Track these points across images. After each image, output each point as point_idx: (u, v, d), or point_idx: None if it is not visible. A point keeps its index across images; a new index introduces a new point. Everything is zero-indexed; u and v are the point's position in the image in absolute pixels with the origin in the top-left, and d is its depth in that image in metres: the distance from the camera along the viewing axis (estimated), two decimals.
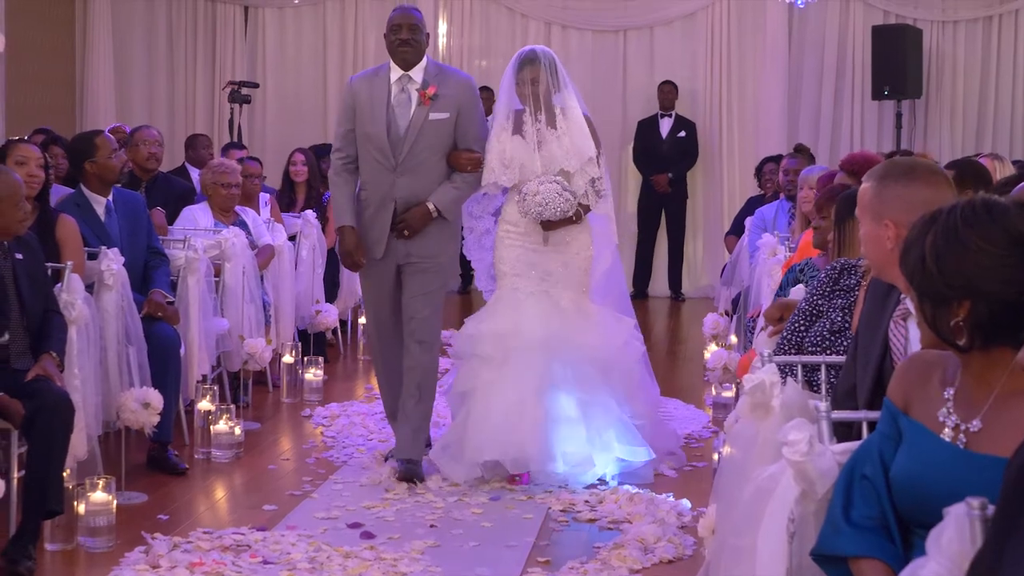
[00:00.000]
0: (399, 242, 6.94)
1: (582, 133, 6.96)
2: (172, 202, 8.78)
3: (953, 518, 2.37)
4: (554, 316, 6.93)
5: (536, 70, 6.95)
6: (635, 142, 14.71)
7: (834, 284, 4.67)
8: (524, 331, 6.86)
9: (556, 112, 6.97)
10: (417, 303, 6.96)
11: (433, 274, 7.01)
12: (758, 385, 3.70)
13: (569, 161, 6.91)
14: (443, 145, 6.94)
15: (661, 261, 14.85)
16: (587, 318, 7.03)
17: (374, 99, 6.95)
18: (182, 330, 7.34)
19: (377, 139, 6.90)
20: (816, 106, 14.79)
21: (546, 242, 6.98)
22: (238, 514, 6.31)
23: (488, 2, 14.99)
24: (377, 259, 6.99)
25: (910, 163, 3.65)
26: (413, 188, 6.89)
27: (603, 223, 7.24)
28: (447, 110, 6.90)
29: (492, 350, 6.87)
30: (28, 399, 5.46)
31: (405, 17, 7.01)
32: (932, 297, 2.81)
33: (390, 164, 6.90)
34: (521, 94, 7.00)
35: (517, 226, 7.02)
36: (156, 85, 15.32)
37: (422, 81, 6.92)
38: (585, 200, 6.95)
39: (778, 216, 9.39)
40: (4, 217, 5.69)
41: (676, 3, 14.78)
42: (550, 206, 6.77)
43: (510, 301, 7.00)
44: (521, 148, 6.92)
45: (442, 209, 6.91)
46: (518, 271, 7.01)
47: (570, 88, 7.07)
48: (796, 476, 3.01)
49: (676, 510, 6.27)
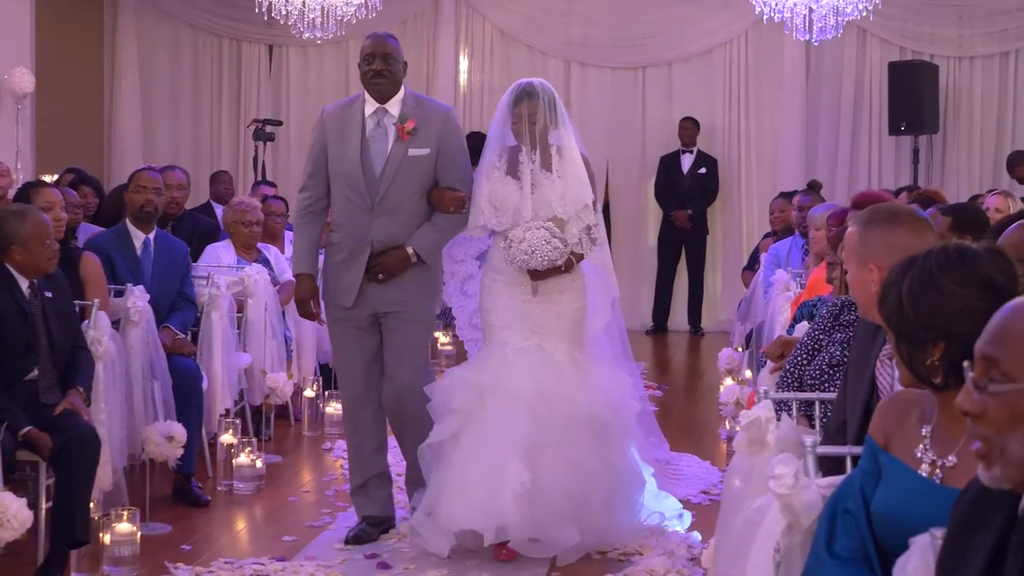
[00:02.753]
0: (374, 289, 6.32)
1: (578, 178, 6.35)
2: (196, 240, 8.95)
3: (918, 548, 2.52)
4: (545, 370, 6.25)
5: (534, 105, 6.29)
6: (657, 177, 14.84)
7: (835, 320, 4.82)
8: (508, 385, 6.16)
9: (552, 152, 6.33)
10: (399, 360, 6.36)
11: (414, 325, 6.38)
12: (753, 421, 3.85)
13: (564, 207, 6.29)
14: (423, 184, 6.33)
15: (680, 295, 14.96)
16: (582, 373, 6.37)
17: (347, 134, 6.35)
18: (205, 365, 7.51)
19: (351, 178, 6.31)
20: (834, 141, 14.89)
21: (535, 292, 6.33)
22: (258, 545, 6.46)
23: (508, 39, 15.17)
24: (347, 308, 6.37)
25: (893, 209, 3.81)
26: (391, 230, 6.28)
27: (599, 273, 6.62)
28: (427, 145, 6.30)
29: (469, 404, 6.17)
30: (56, 432, 5.65)
31: (378, 45, 6.36)
32: (908, 338, 2.97)
33: (366, 205, 6.28)
34: (516, 131, 6.34)
35: (504, 274, 6.36)
36: (182, 123, 15.53)
37: (399, 114, 6.32)
38: (579, 248, 6.34)
39: (792, 252, 9.49)
40: (32, 255, 5.88)
41: (694, 40, 14.92)
42: (537, 254, 6.13)
43: (499, 356, 6.31)
44: (514, 190, 6.31)
45: (422, 254, 6.32)
46: (508, 323, 6.35)
47: (568, 125, 6.45)
48: (782, 509, 3.16)
49: (687, 543, 6.37)
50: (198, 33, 15.46)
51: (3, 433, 5.47)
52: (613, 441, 6.39)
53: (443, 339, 11.84)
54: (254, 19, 12.83)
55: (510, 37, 15.18)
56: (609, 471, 6.26)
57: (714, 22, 14.83)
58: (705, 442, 8.89)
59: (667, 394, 10.93)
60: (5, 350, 5.76)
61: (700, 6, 14.81)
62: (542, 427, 6.11)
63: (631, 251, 15.24)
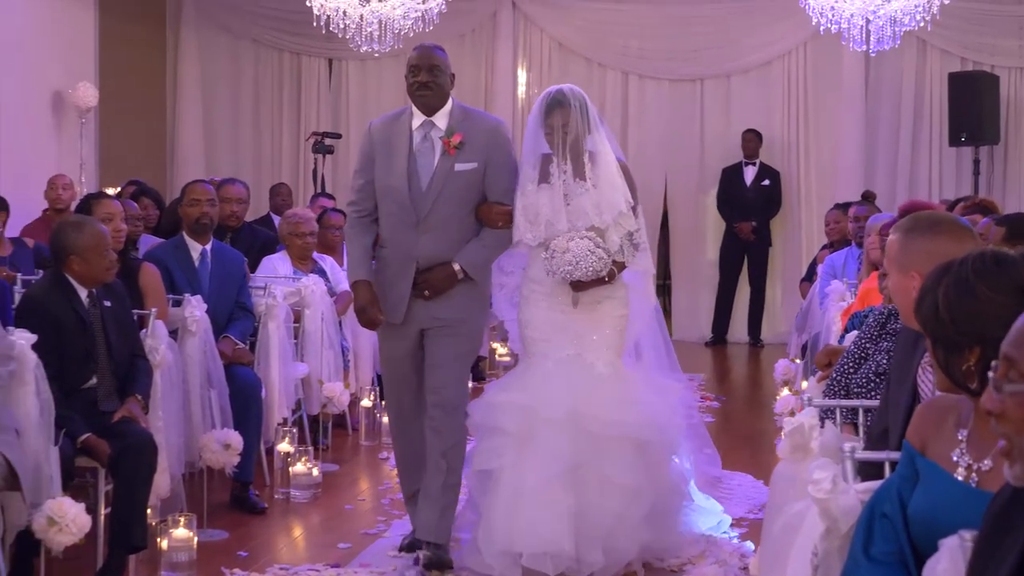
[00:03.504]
0: (421, 305, 6.16)
1: (612, 185, 6.11)
2: (255, 251, 9.04)
3: (947, 550, 2.54)
4: (586, 383, 6.04)
5: (566, 114, 6.07)
6: (719, 189, 14.82)
7: (881, 328, 4.84)
8: (551, 402, 5.95)
9: (584, 161, 6.10)
10: (441, 372, 6.17)
11: (460, 339, 6.21)
12: (797, 428, 3.88)
13: (601, 216, 6.06)
14: (470, 199, 6.16)
15: (740, 307, 14.94)
16: (625, 386, 6.15)
17: (393, 147, 6.20)
18: (263, 374, 7.60)
19: (397, 193, 6.14)
20: (893, 153, 14.80)
21: (576, 304, 6.11)
22: (314, 551, 6.53)
23: (566, 52, 15.21)
24: (396, 324, 6.21)
25: (935, 217, 3.83)
26: (437, 246, 6.11)
27: (638, 280, 6.38)
28: (474, 160, 6.13)
29: (515, 425, 6.01)
30: (114, 439, 5.75)
31: (423, 57, 6.19)
32: (945, 343, 3.00)
33: (411, 220, 6.12)
34: (550, 141, 6.13)
35: (543, 285, 6.15)
36: (243, 136, 15.68)
37: (446, 128, 6.15)
38: (620, 256, 6.10)
39: (848, 263, 9.49)
40: (91, 265, 5.98)
41: (752, 52, 14.90)
42: (581, 265, 5.91)
43: (538, 370, 6.13)
44: (547, 202, 6.08)
45: (469, 270, 6.14)
46: (547, 335, 6.15)
47: (602, 130, 6.23)
48: (821, 513, 3.18)
49: (739, 551, 6.38)
50: (259, 47, 15.61)
51: (62, 440, 5.56)
52: (657, 458, 6.20)
53: (501, 350, 11.88)
54: (313, 33, 12.92)
55: (568, 50, 15.21)
56: (653, 487, 6.06)
57: (772, 34, 14.79)
58: (762, 454, 8.86)
59: (725, 405, 10.95)
60: (65, 358, 5.86)
61: (758, 18, 14.78)
62: (580, 448, 5.92)
63: (690, 263, 15.25)
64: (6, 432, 5.17)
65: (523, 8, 15.15)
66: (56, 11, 12.64)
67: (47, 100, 12.54)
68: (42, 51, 12.31)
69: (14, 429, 5.24)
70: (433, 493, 6.12)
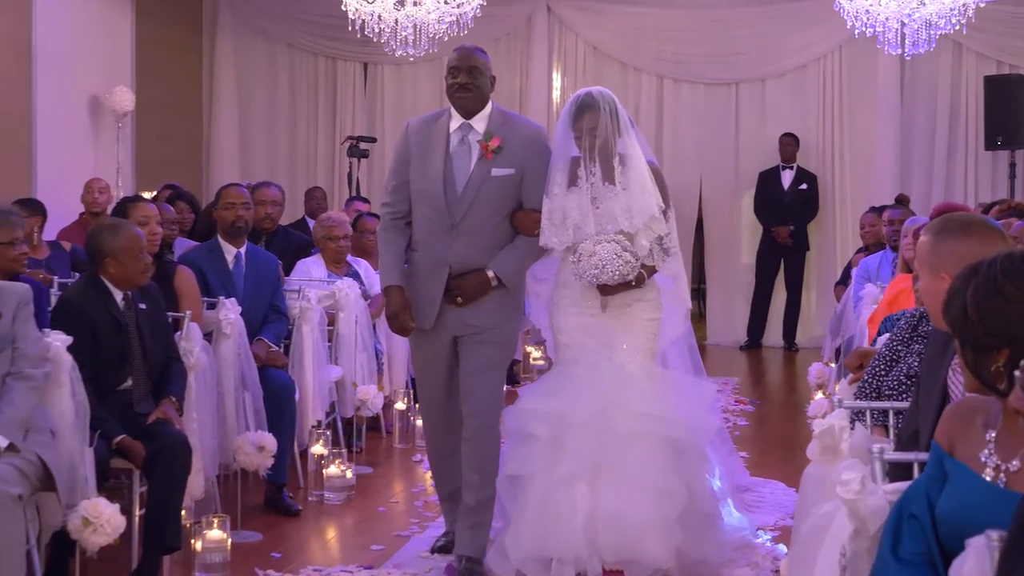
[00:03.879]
0: (453, 311, 6.06)
1: (643, 188, 5.98)
2: (290, 255, 9.09)
3: (973, 549, 2.55)
4: (615, 383, 5.93)
5: (595, 118, 5.94)
6: (756, 193, 14.80)
7: (913, 331, 4.82)
8: (580, 407, 5.85)
9: (614, 164, 5.98)
10: (475, 381, 6.06)
11: (494, 347, 6.10)
12: (827, 430, 3.89)
13: (631, 220, 5.94)
14: (506, 205, 6.04)
15: (775, 311, 14.91)
16: (657, 387, 6.06)
17: (430, 149, 6.08)
18: (297, 377, 7.63)
19: (432, 195, 6.02)
20: (929, 157, 14.74)
21: (604, 308, 6.03)
22: (347, 553, 6.57)
23: (601, 56, 15.22)
24: (427, 330, 6.12)
25: (966, 219, 3.83)
26: (471, 252, 5.99)
27: (671, 284, 6.25)
28: (512, 165, 6.00)
29: (546, 431, 5.89)
30: (149, 441, 5.80)
31: (463, 58, 6.09)
32: (973, 344, 3.00)
33: (445, 224, 6.00)
34: (579, 145, 6.00)
35: (572, 290, 6.06)
36: (278, 141, 15.74)
37: (485, 131, 6.02)
38: (650, 260, 5.98)
39: (882, 266, 9.46)
40: (126, 268, 6.03)
41: (788, 56, 14.87)
42: (607, 268, 5.82)
43: (569, 375, 6.03)
44: (575, 206, 5.96)
45: (503, 277, 6.03)
46: (578, 341, 6.06)
47: (633, 133, 6.08)
48: (849, 514, 3.19)
49: (772, 554, 6.36)
50: (294, 52, 15.68)
51: (97, 441, 5.61)
52: (690, 459, 6.02)
53: (535, 353, 11.88)
54: (348, 38, 12.97)
55: (603, 54, 15.22)
56: (686, 489, 5.85)
57: (807, 38, 14.76)
58: (796, 458, 8.82)
59: (759, 409, 10.93)
60: (100, 360, 5.91)
61: (793, 22, 14.76)
62: (606, 448, 5.80)
63: (725, 266, 15.23)
64: (41, 433, 5.23)
65: (558, 12, 15.17)
66: (93, 16, 12.73)
67: (84, 104, 12.62)
68: (79, 56, 12.40)
69: (49, 430, 5.30)
70: (467, 509, 6.06)
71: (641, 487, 5.75)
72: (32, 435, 5.16)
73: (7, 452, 4.99)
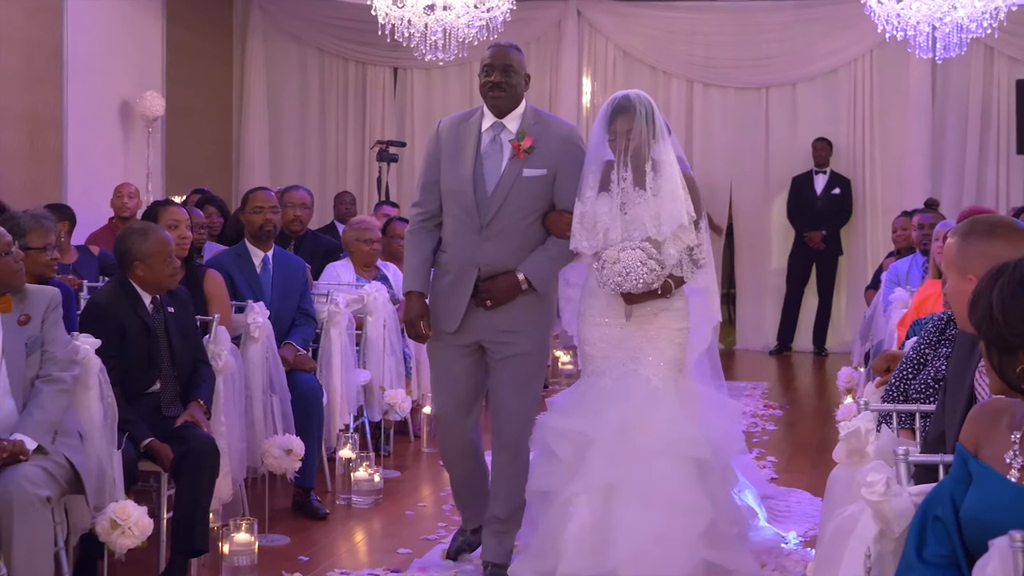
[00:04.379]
0: (481, 315, 5.93)
1: (674, 196, 5.80)
2: (318, 258, 9.12)
3: (997, 550, 2.54)
4: (639, 398, 5.75)
5: (630, 120, 5.80)
6: (789, 198, 14.77)
7: (940, 334, 4.81)
8: (601, 423, 5.68)
9: (646, 169, 5.82)
10: (510, 396, 5.97)
11: (527, 359, 5.97)
12: (853, 432, 3.88)
13: (659, 228, 5.76)
14: (538, 206, 5.91)
15: (806, 316, 14.87)
16: (685, 403, 5.84)
17: (461, 148, 5.96)
18: (325, 381, 7.65)
19: (462, 195, 5.90)
20: (960, 161, 14.66)
21: (628, 318, 5.84)
22: (374, 556, 6.58)
23: (631, 60, 15.20)
24: (449, 333, 5.98)
25: (993, 221, 3.81)
26: (501, 254, 5.87)
27: (700, 297, 6.06)
28: (544, 166, 5.87)
29: (569, 452, 5.72)
30: (177, 443, 5.83)
31: (498, 56, 5.95)
32: (999, 345, 2.99)
33: (475, 225, 5.88)
34: (613, 147, 5.86)
35: (598, 298, 5.90)
36: (308, 145, 15.78)
37: (517, 131, 5.90)
38: (678, 271, 5.80)
39: (911, 270, 9.44)
40: (155, 272, 6.06)
41: (818, 60, 14.83)
42: (631, 276, 5.63)
43: (595, 390, 5.85)
44: (605, 211, 5.80)
45: (533, 281, 5.89)
46: (604, 353, 5.88)
47: (668, 138, 5.93)
48: (874, 515, 3.18)
49: (804, 560, 6.33)
50: (324, 56, 15.72)
51: (125, 444, 5.64)
52: (716, 477, 5.80)
53: (564, 358, 11.88)
54: (378, 42, 12.97)
55: (633, 58, 15.20)
56: (710, 505, 5.64)
57: (838, 42, 14.72)
58: (824, 461, 8.78)
59: (788, 413, 10.91)
60: (128, 363, 5.94)
61: (824, 26, 14.72)
62: (621, 464, 5.60)
63: (754, 271, 15.19)
64: (70, 436, 5.26)
65: (588, 16, 15.16)
66: (124, 22, 12.80)
67: (115, 109, 12.68)
68: (110, 61, 12.46)
69: (78, 433, 5.32)
70: (495, 518, 6.03)
71: (662, 501, 5.56)
72: (61, 438, 5.20)
73: (36, 454, 5.01)
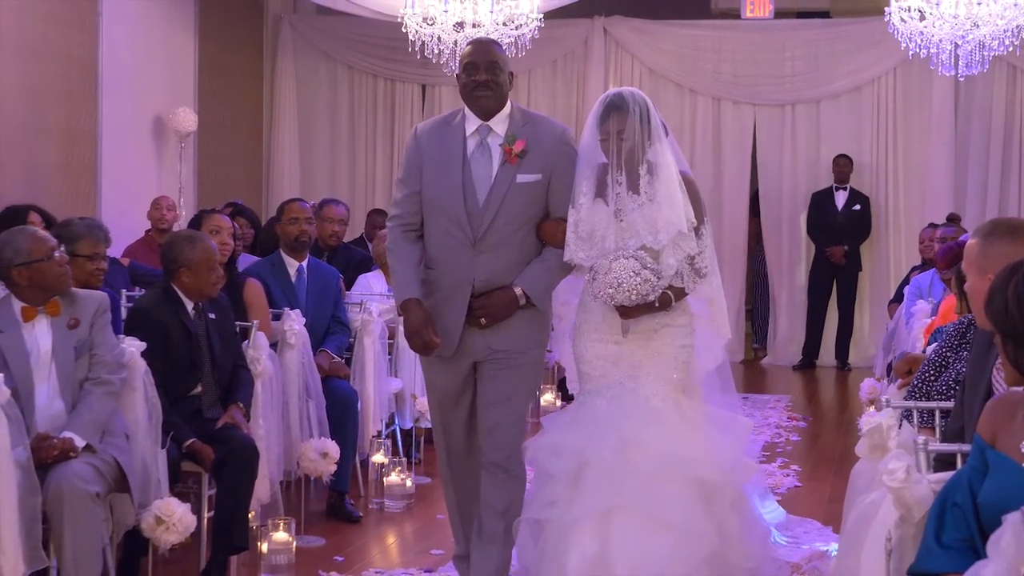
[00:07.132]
0: (476, 334, 5.42)
1: (671, 201, 5.29)
2: (351, 270, 9.28)
3: (1010, 524, 2.69)
4: (638, 418, 5.24)
5: (623, 120, 5.29)
6: (809, 213, 14.85)
7: (961, 338, 4.94)
8: (598, 443, 5.20)
9: (641, 173, 5.31)
10: (497, 412, 5.45)
11: (520, 372, 5.47)
12: (875, 427, 4.03)
13: (655, 235, 5.27)
14: (533, 214, 5.41)
15: (829, 331, 14.96)
16: (689, 425, 5.35)
17: (445, 155, 5.43)
18: (358, 387, 7.79)
19: (450, 207, 5.38)
20: (983, 177, 14.70)
21: (625, 333, 5.35)
22: (407, 557, 6.75)
23: (657, 78, 15.30)
24: (447, 357, 5.47)
25: (1014, 223, 3.98)
26: (495, 268, 5.37)
27: (703, 309, 5.52)
28: (538, 170, 5.37)
29: (565, 470, 5.22)
30: (218, 444, 6.01)
31: (480, 52, 5.46)
32: (1015, 339, 3.15)
33: (467, 239, 5.37)
34: (605, 148, 5.33)
35: (593, 313, 5.41)
36: (338, 161, 15.88)
37: (506, 134, 5.39)
38: (678, 282, 5.30)
39: (933, 283, 9.54)
40: (199, 280, 6.24)
41: (842, 78, 14.92)
42: (623, 287, 5.13)
43: (591, 409, 5.37)
44: (602, 218, 5.33)
45: (531, 295, 5.39)
46: (601, 371, 5.39)
47: (665, 141, 5.40)
48: (895, 502, 3.33)
49: None
50: (354, 74, 15.85)
51: (169, 444, 5.81)
52: (723, 502, 5.31)
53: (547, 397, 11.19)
54: (408, 59, 13.15)
55: (659, 75, 15.31)
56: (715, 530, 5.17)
57: (862, 60, 14.81)
58: (846, 471, 8.82)
59: (811, 425, 11.02)
60: (171, 367, 6.11)
61: (848, 44, 14.82)
62: (621, 489, 5.13)
63: (779, 286, 15.27)
64: (117, 436, 5.43)
65: (614, 34, 15.29)
66: (158, 39, 12.97)
67: (148, 125, 12.85)
68: (144, 77, 12.63)
69: (124, 434, 5.49)
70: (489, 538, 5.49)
71: (662, 524, 5.12)
72: (108, 438, 5.36)
73: (84, 452, 5.18)
